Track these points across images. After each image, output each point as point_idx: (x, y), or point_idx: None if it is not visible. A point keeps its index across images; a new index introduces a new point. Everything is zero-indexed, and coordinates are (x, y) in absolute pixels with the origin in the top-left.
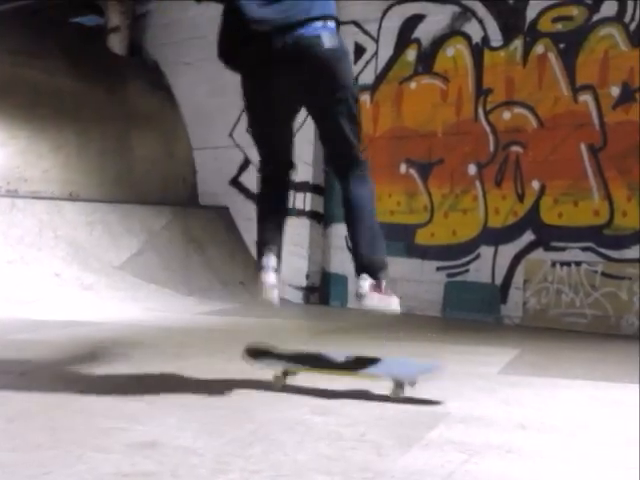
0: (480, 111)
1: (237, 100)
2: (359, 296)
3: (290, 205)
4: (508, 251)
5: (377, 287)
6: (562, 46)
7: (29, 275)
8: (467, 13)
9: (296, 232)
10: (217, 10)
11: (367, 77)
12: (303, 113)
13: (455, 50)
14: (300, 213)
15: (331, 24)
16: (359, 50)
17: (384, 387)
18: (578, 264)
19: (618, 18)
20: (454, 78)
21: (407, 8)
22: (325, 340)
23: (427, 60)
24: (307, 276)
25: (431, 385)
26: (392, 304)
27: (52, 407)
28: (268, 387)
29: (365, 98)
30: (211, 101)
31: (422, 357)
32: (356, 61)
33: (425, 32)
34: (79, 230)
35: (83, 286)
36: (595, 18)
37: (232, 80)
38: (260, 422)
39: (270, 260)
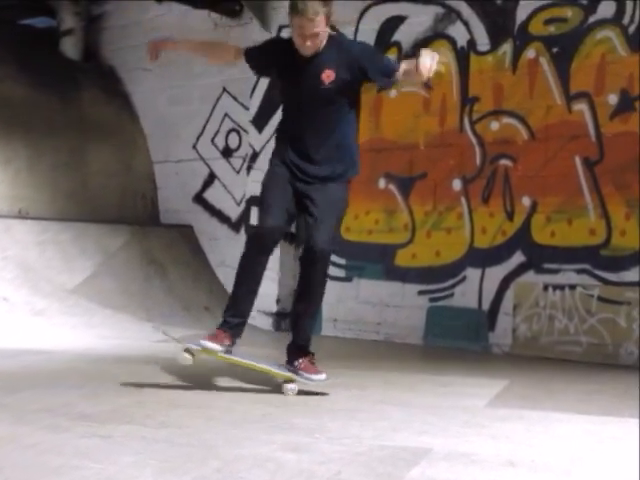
0: (466, 121)
1: (202, 109)
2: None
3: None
4: (496, 273)
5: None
6: (555, 50)
7: None
8: (451, 14)
9: None
10: (179, 11)
11: None
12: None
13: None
14: None
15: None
16: None
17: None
18: (572, 288)
19: (616, 20)
20: (437, 85)
21: (386, 9)
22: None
23: None
24: (277, 301)
25: (413, 419)
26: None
27: (0, 443)
28: (235, 420)
29: None
30: (173, 110)
31: (403, 389)
32: None
33: (406, 35)
34: (29, 251)
35: (33, 311)
36: (591, 20)
37: (196, 87)
38: (226, 459)
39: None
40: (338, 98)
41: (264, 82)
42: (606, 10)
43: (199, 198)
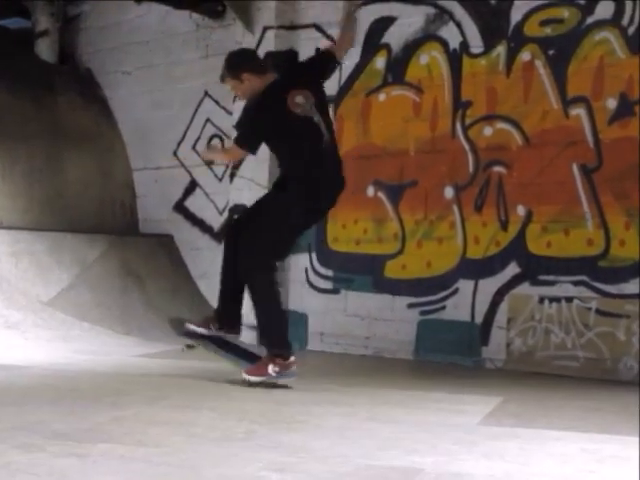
0: (458, 126)
1: (182, 114)
2: None
3: None
4: (490, 286)
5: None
6: (551, 53)
7: None
8: (443, 15)
9: None
10: (159, 12)
11: (330, 88)
12: None
13: (430, 57)
14: None
15: None
16: None
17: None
18: (569, 300)
19: (615, 21)
20: (429, 89)
21: (375, 9)
22: (280, 386)
23: (398, 68)
24: None
25: (402, 437)
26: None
27: None
28: (218, 438)
29: None
30: (153, 115)
31: (392, 405)
32: None
33: (396, 36)
34: (3, 261)
35: (7, 324)
36: (589, 21)
37: (177, 91)
38: (208, 479)
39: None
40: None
41: None
42: (604, 10)
43: (180, 207)
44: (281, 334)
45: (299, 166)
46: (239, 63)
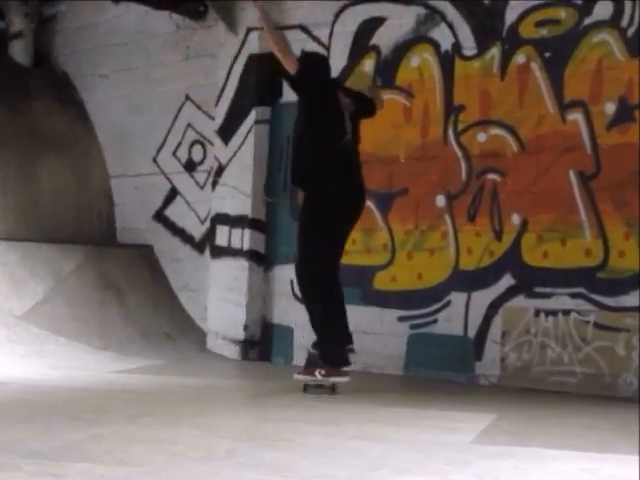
0: (450, 132)
1: (162, 118)
2: None
3: (226, 243)
4: (483, 298)
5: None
6: (548, 55)
7: None
8: (435, 15)
9: (232, 276)
10: (138, 12)
11: None
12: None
13: (421, 59)
14: (237, 253)
15: None
16: None
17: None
18: (566, 313)
19: (614, 21)
20: (420, 93)
21: (364, 10)
22: (264, 403)
23: (387, 71)
24: (245, 327)
25: (392, 456)
26: None
27: None
28: (200, 456)
29: None
30: (132, 120)
31: (381, 423)
32: None
33: (385, 38)
34: None
35: None
36: (587, 21)
37: (157, 95)
38: None
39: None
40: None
41: (230, 89)
42: (603, 11)
43: (160, 216)
44: (331, 349)
45: (315, 136)
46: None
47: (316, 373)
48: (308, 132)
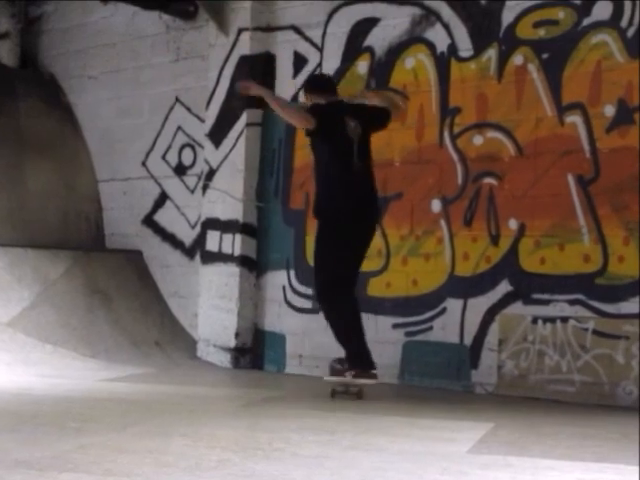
0: (446, 135)
1: (152, 121)
2: None
3: (217, 249)
4: (480, 305)
5: None
6: (545, 56)
7: None
8: (430, 16)
9: (223, 282)
10: (126, 13)
11: None
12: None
13: (416, 61)
14: (228, 259)
15: None
16: (299, 61)
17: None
18: (565, 320)
19: (613, 22)
20: (415, 95)
21: (357, 10)
22: (256, 412)
23: (382, 73)
24: (236, 335)
25: (386, 467)
26: None
27: None
28: (190, 467)
29: None
30: (120, 123)
31: (375, 433)
32: (295, 74)
33: (379, 39)
34: None
35: None
36: (585, 22)
37: (146, 97)
38: None
39: None
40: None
41: (221, 92)
42: (602, 11)
43: (149, 220)
44: (357, 354)
45: (328, 168)
46: (306, 86)
47: (346, 374)
48: (322, 166)
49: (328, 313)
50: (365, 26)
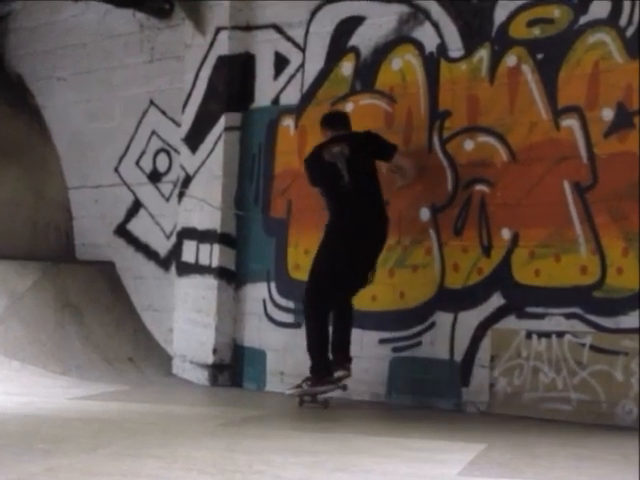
0: (435, 140)
1: (124, 125)
2: None
3: (193, 260)
4: (471, 319)
5: None
6: (540, 57)
7: None
8: (418, 14)
9: (200, 295)
10: (98, 11)
11: (291, 96)
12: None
13: (403, 62)
14: (205, 270)
15: None
16: (281, 62)
17: None
18: (560, 335)
19: (611, 21)
20: (402, 97)
21: (342, 8)
22: (235, 432)
23: (367, 74)
24: (214, 350)
25: None
26: None
27: None
28: None
29: (288, 123)
30: (91, 127)
31: (361, 454)
32: (277, 76)
33: (365, 39)
34: None
35: None
36: (582, 21)
37: (118, 100)
38: None
39: None
40: None
41: (198, 94)
42: (600, 10)
43: (122, 230)
44: (323, 367)
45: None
46: (320, 123)
47: (303, 384)
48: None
49: (310, 319)
50: (350, 25)
